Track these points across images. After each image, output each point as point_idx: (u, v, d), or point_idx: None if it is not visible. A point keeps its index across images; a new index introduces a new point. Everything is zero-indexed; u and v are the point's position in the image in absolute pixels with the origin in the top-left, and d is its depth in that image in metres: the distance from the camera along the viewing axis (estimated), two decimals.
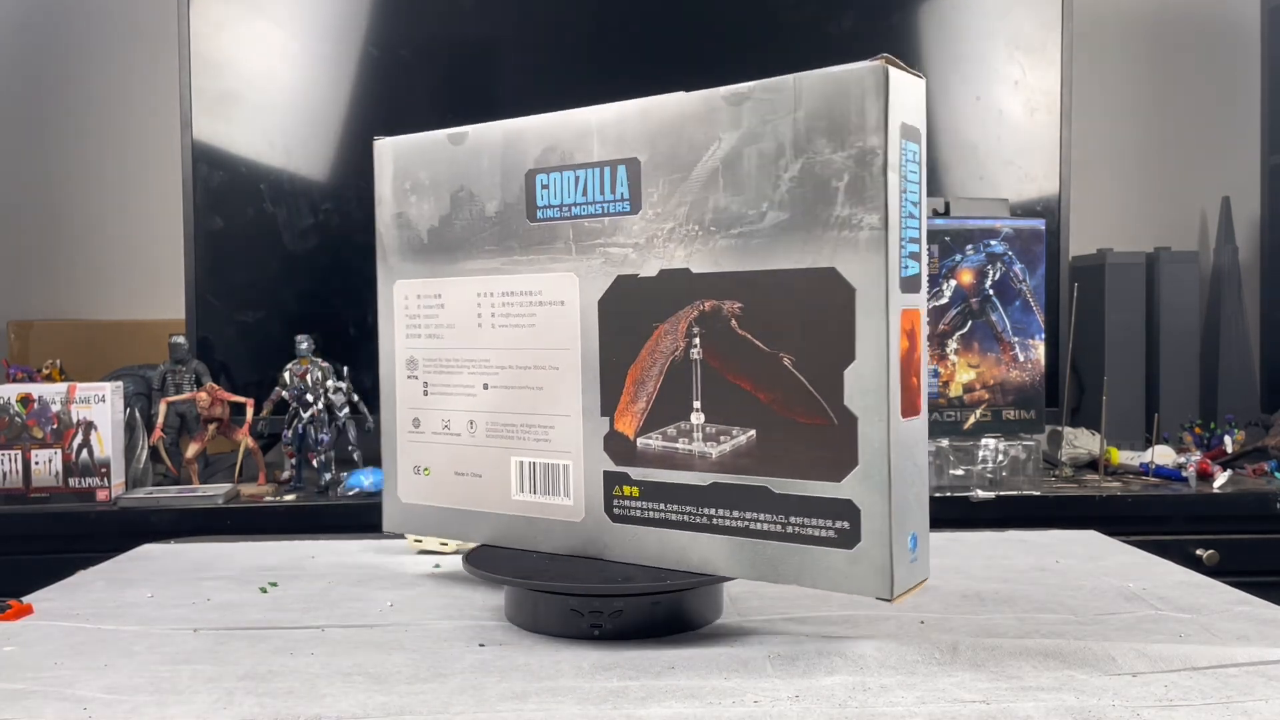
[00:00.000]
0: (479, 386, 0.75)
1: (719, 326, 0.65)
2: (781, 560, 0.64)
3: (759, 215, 0.63)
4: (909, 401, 0.62)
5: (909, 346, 0.62)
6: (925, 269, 0.64)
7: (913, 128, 0.63)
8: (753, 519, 0.65)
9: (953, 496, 1.42)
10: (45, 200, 2.04)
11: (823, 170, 0.61)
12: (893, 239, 0.60)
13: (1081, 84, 1.90)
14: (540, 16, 1.72)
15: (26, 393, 1.39)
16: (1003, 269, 1.49)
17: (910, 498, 0.62)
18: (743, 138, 0.64)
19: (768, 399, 0.63)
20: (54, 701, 0.58)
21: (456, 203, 0.75)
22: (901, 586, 0.61)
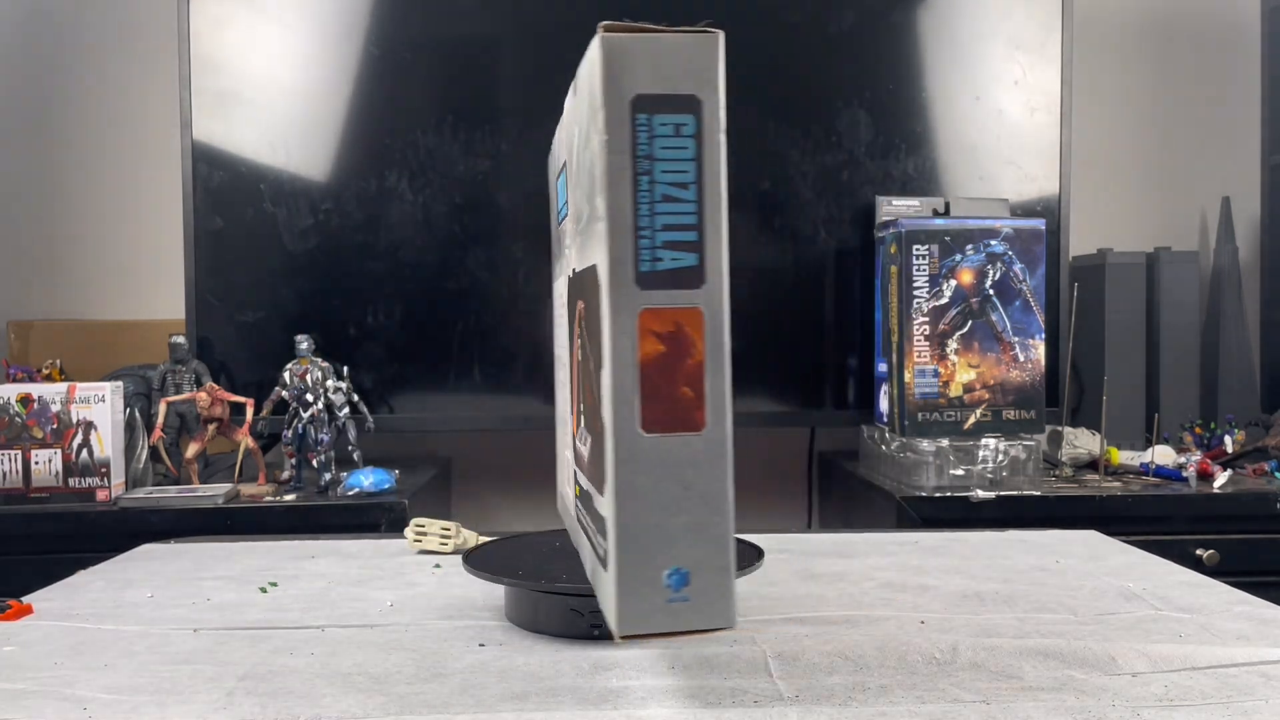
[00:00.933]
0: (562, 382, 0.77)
1: (582, 329, 0.63)
2: (595, 574, 0.59)
3: (585, 212, 0.59)
4: (660, 413, 0.54)
5: (663, 350, 0.54)
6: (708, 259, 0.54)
7: (660, 96, 0.54)
8: (591, 531, 0.61)
9: (953, 496, 1.42)
10: (45, 200, 2.04)
11: (590, 158, 0.56)
12: (622, 228, 0.53)
13: (1081, 84, 1.90)
14: (540, 16, 1.72)
15: (26, 393, 1.39)
16: (1003, 269, 1.49)
17: (673, 525, 0.53)
18: (579, 130, 0.60)
19: (590, 404, 0.61)
20: (54, 701, 0.58)
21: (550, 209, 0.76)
22: (638, 626, 0.53)
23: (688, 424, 0.54)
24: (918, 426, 1.48)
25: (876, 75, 1.75)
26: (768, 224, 1.73)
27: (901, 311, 1.49)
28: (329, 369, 1.52)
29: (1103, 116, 2.08)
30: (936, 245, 1.47)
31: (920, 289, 1.48)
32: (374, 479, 1.46)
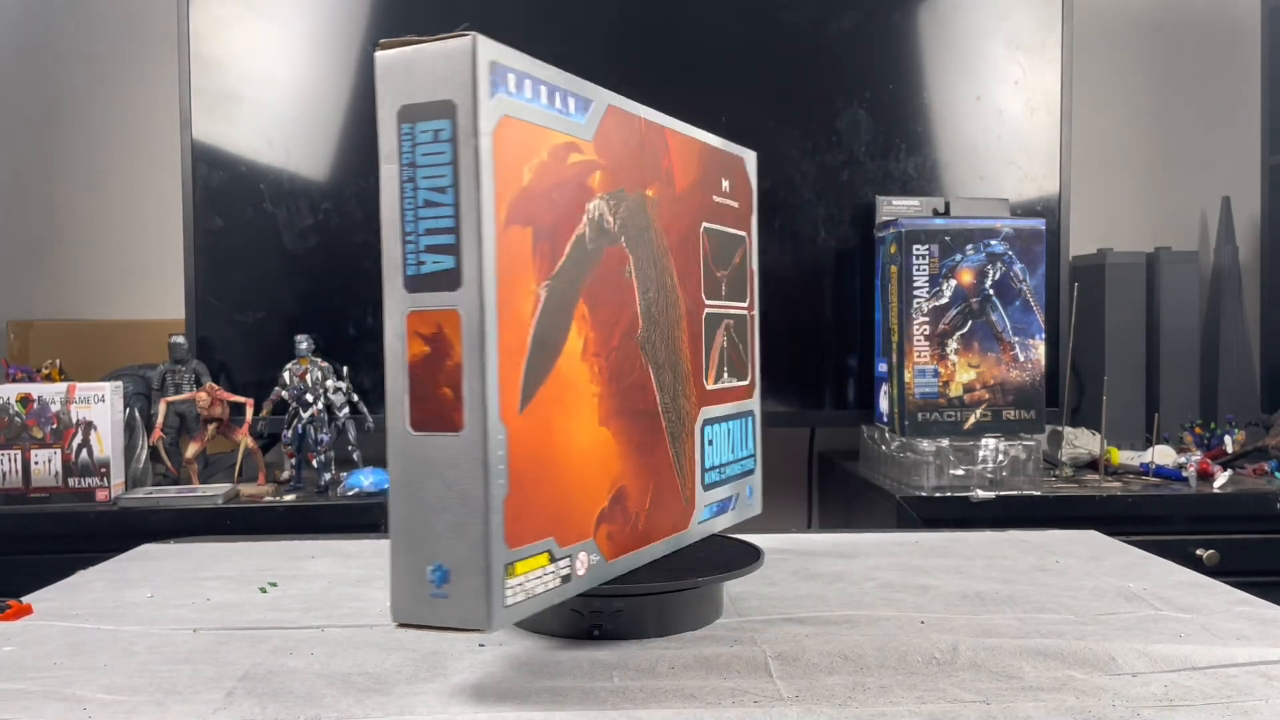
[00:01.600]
0: None
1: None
2: None
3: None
4: (425, 413, 0.55)
5: (428, 352, 0.55)
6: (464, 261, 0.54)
7: (434, 105, 0.55)
8: None
9: (953, 496, 1.41)
10: (45, 200, 2.04)
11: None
12: (391, 234, 0.56)
13: (1081, 84, 1.90)
14: (540, 16, 1.72)
15: (26, 393, 1.39)
16: (1003, 269, 1.49)
17: (435, 523, 0.55)
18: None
19: None
20: (54, 701, 0.58)
21: None
22: (408, 616, 0.55)
23: (447, 424, 0.55)
24: (918, 426, 1.48)
25: (876, 75, 1.75)
26: (768, 224, 1.73)
27: (901, 311, 1.49)
28: (329, 369, 1.52)
29: (1103, 116, 2.08)
30: (936, 245, 1.47)
31: (920, 289, 1.48)
32: (374, 479, 1.46)
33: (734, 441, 0.84)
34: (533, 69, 0.60)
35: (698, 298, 0.78)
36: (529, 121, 0.59)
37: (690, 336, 0.77)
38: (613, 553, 0.66)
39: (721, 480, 0.82)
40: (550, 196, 0.60)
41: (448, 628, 0.54)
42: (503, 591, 0.55)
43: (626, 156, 0.68)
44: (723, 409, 0.82)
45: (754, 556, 0.76)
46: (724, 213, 0.83)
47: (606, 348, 0.65)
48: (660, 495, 0.72)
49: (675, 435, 0.74)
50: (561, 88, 0.62)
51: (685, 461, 0.76)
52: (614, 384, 0.66)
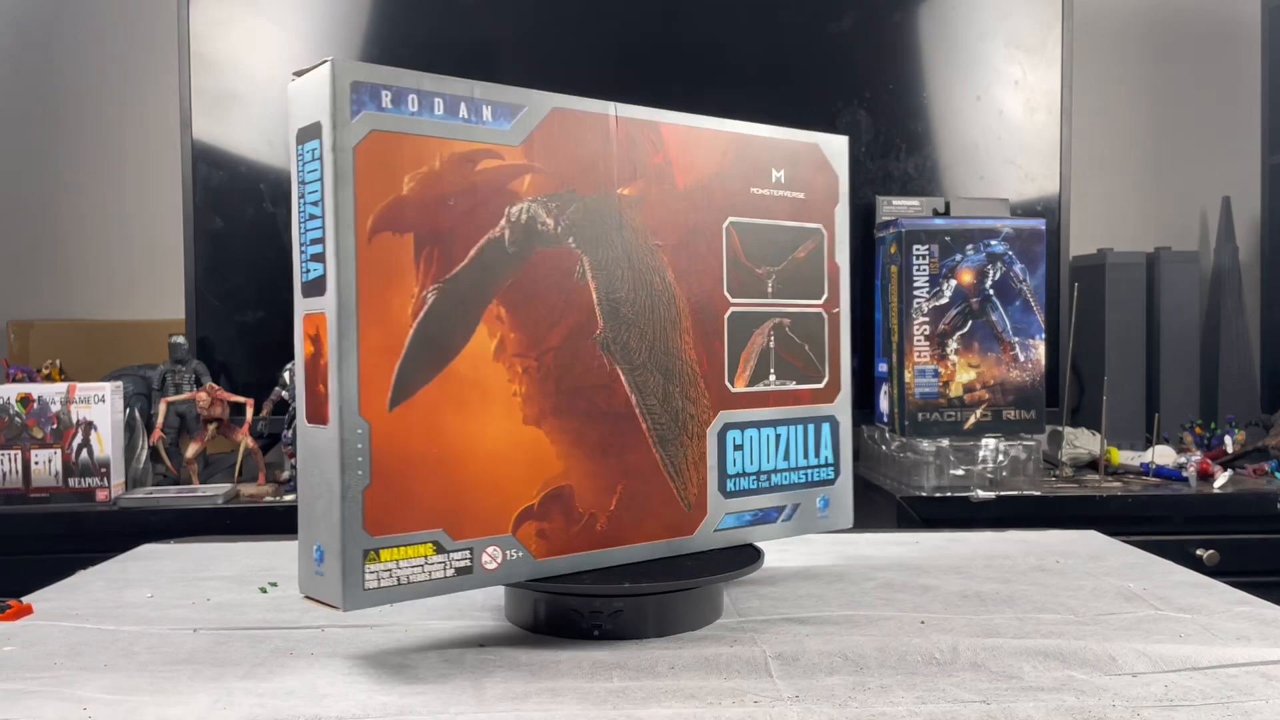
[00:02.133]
0: None
1: None
2: None
3: None
4: (310, 407, 0.62)
5: (313, 351, 0.62)
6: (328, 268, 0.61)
7: (311, 126, 0.62)
8: None
9: (953, 496, 1.41)
10: (45, 200, 2.04)
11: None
12: (294, 245, 0.65)
13: (1081, 84, 1.90)
14: (540, 16, 1.72)
15: (26, 393, 1.39)
16: (1003, 269, 1.49)
17: (315, 508, 0.61)
18: None
19: None
20: (54, 701, 0.58)
21: None
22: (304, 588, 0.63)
23: (320, 418, 0.61)
24: (918, 426, 1.48)
25: (876, 75, 1.75)
26: None
27: (901, 311, 1.49)
28: None
29: (1103, 116, 2.08)
30: (936, 245, 1.47)
31: (920, 289, 1.48)
32: None
33: (788, 447, 0.80)
34: (418, 83, 0.63)
35: (718, 296, 0.76)
36: (410, 134, 0.63)
37: (699, 336, 0.74)
38: (546, 551, 0.67)
39: (757, 488, 0.78)
40: (441, 203, 0.63)
41: (324, 603, 0.61)
42: (361, 576, 0.60)
43: (579, 158, 0.69)
44: (763, 413, 0.78)
45: (754, 556, 0.76)
46: (772, 205, 0.78)
47: (539, 348, 0.67)
48: (638, 497, 0.71)
49: (665, 438, 0.73)
50: (465, 97, 0.65)
51: (684, 465, 0.74)
52: (552, 384, 0.67)
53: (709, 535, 0.75)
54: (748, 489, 0.77)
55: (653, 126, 0.72)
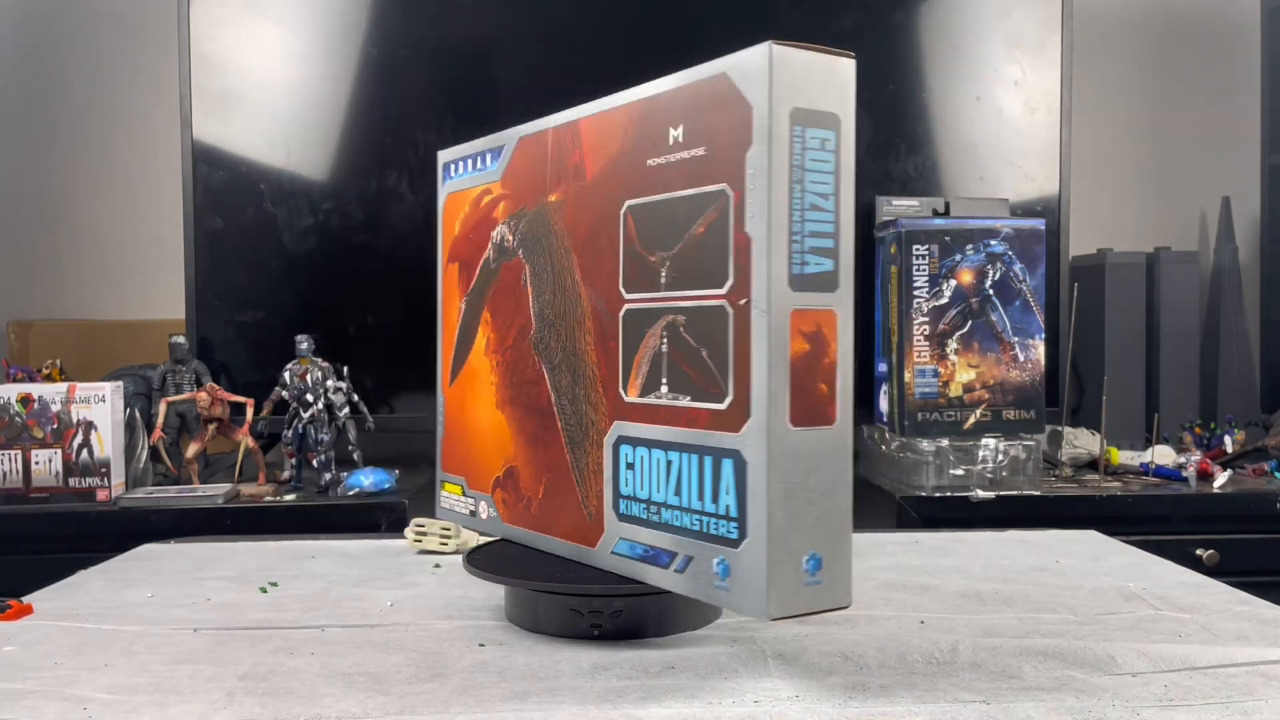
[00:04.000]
0: None
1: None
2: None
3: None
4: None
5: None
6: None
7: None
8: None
9: (953, 496, 1.41)
10: (45, 200, 2.04)
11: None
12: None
13: (1081, 84, 1.90)
14: (540, 16, 1.72)
15: (26, 393, 1.39)
16: (1003, 269, 1.49)
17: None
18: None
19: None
20: (54, 701, 0.58)
21: None
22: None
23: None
24: (918, 426, 1.48)
25: (876, 75, 1.75)
26: None
27: (901, 311, 1.49)
28: (329, 369, 1.52)
29: (1103, 116, 2.08)
30: (936, 245, 1.47)
31: (920, 289, 1.48)
32: (374, 479, 1.46)
33: (679, 480, 0.62)
34: (466, 152, 0.83)
35: (614, 292, 0.66)
36: (458, 190, 0.83)
37: (599, 337, 0.68)
38: (508, 517, 0.78)
39: (648, 520, 0.64)
40: (469, 236, 0.82)
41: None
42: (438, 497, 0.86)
43: (529, 176, 0.75)
44: (654, 430, 0.63)
45: None
46: (669, 174, 0.62)
47: (503, 346, 0.79)
48: (555, 492, 0.72)
49: (574, 440, 0.70)
50: (478, 152, 0.81)
51: (586, 472, 0.69)
52: (509, 376, 0.78)
53: (606, 555, 0.68)
54: (638, 516, 0.65)
55: (573, 125, 0.70)
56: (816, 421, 0.57)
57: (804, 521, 0.56)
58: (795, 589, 0.56)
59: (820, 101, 0.57)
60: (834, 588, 0.57)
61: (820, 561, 0.57)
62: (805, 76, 0.56)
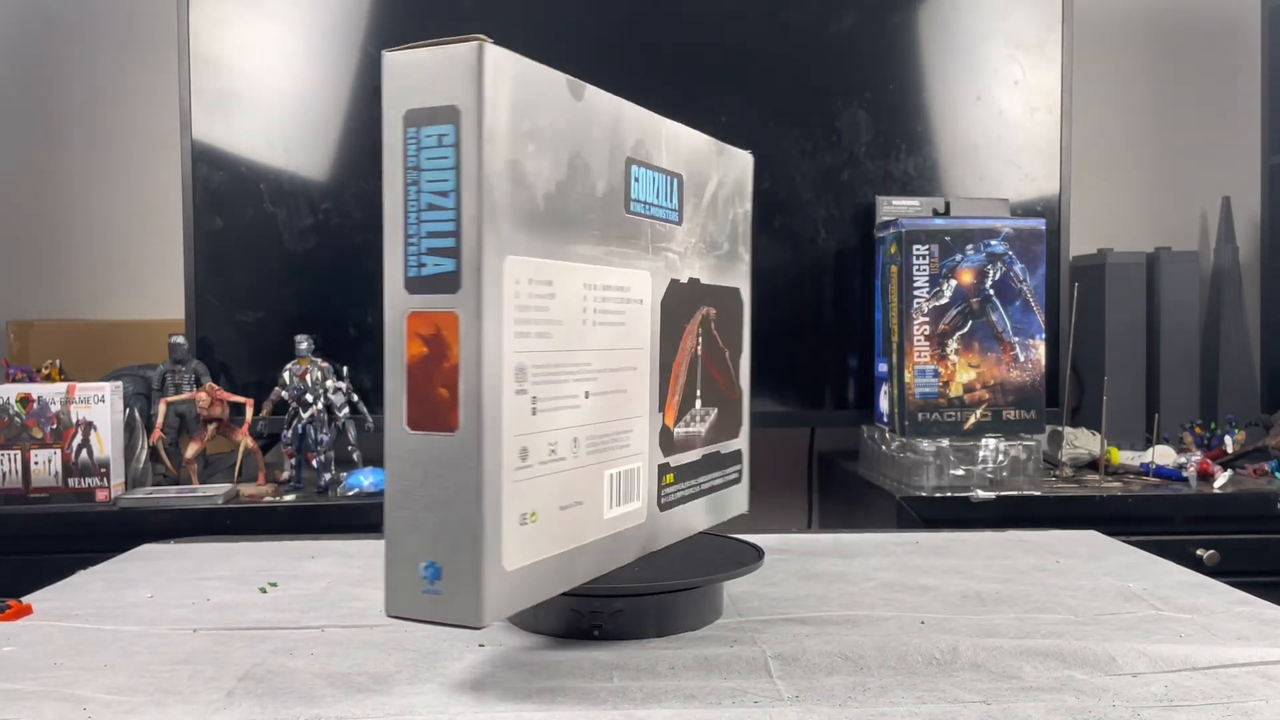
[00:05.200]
0: (581, 395, 0.62)
1: (708, 328, 0.77)
2: (723, 502, 0.81)
3: (722, 243, 0.79)
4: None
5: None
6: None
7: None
8: (714, 476, 0.80)
9: (953, 496, 1.42)
10: (45, 200, 2.04)
11: (739, 218, 0.82)
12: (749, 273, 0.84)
13: (1081, 84, 1.90)
14: (540, 16, 1.72)
15: (26, 393, 1.39)
16: (1003, 269, 1.49)
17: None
18: (718, 182, 0.78)
19: (722, 384, 0.80)
20: (54, 701, 0.58)
21: (572, 170, 0.61)
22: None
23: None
24: (918, 426, 1.48)
25: (876, 75, 1.75)
26: (767, 224, 1.73)
27: (901, 311, 1.49)
28: (329, 369, 1.52)
29: (1103, 116, 2.08)
30: (936, 245, 1.47)
31: (920, 289, 1.48)
32: (374, 479, 1.46)
33: None
34: None
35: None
36: None
37: None
38: None
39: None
40: None
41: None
42: None
43: None
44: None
45: (754, 556, 0.76)
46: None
47: None
48: None
49: None
50: None
51: None
52: None
53: None
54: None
55: None
56: (435, 427, 0.54)
57: (421, 527, 0.54)
58: (412, 593, 0.55)
59: (434, 97, 0.54)
60: (455, 602, 0.54)
61: (439, 572, 0.54)
62: (419, 75, 0.55)
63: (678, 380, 0.73)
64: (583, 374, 0.62)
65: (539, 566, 0.58)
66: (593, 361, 0.62)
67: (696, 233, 0.75)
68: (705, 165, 0.76)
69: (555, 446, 0.59)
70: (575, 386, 0.61)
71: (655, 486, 0.71)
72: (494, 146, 0.54)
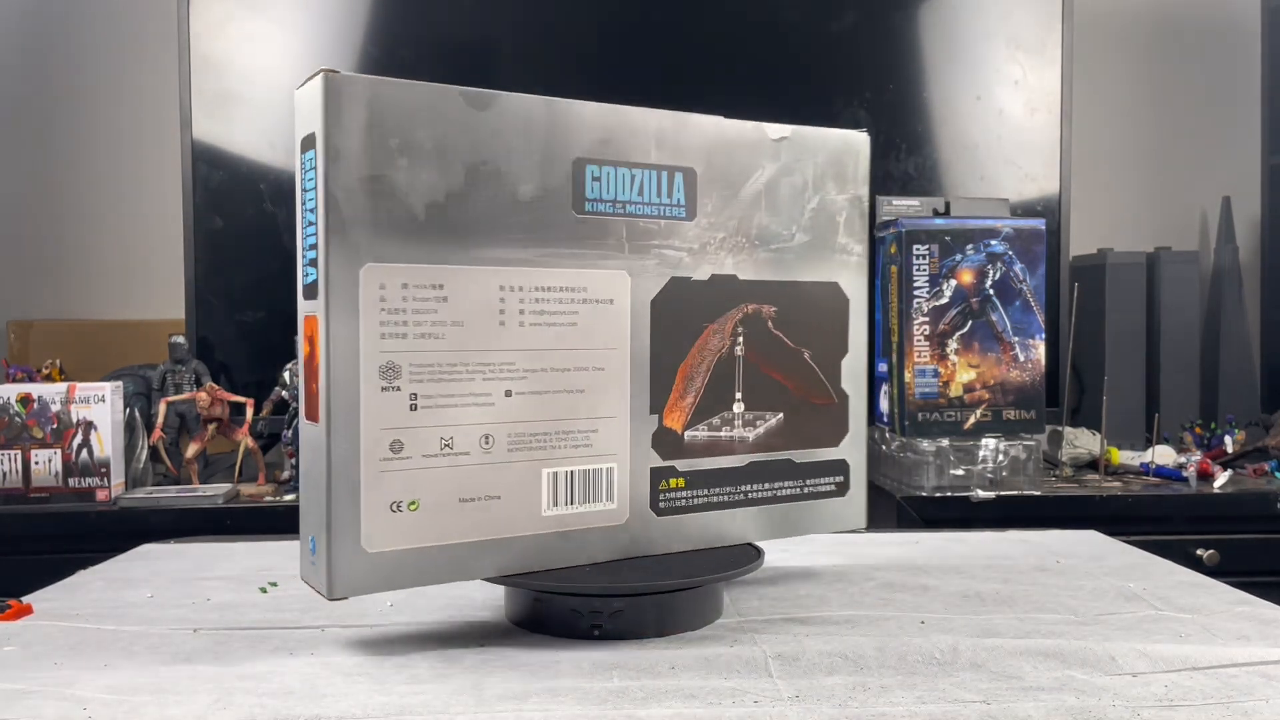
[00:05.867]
0: (499, 394, 0.65)
1: (758, 327, 0.75)
2: (800, 517, 0.78)
3: (790, 235, 0.75)
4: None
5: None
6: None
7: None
8: (779, 487, 0.77)
9: (953, 496, 1.41)
10: (45, 200, 2.04)
11: (831, 207, 0.77)
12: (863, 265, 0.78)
13: (1081, 84, 1.90)
14: (540, 16, 1.72)
15: (26, 393, 1.39)
16: (1003, 269, 1.49)
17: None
18: (780, 170, 0.75)
19: (793, 387, 0.76)
20: (54, 701, 0.58)
21: (475, 178, 0.64)
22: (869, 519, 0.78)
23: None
24: (918, 426, 1.48)
25: (876, 75, 1.75)
26: None
27: (901, 311, 1.49)
28: None
29: (1103, 116, 2.08)
30: (936, 245, 1.47)
31: (920, 289, 1.48)
32: None
33: None
34: None
35: None
36: None
37: None
38: None
39: None
40: None
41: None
42: None
43: None
44: None
45: (754, 556, 0.76)
46: None
47: None
48: None
49: None
50: None
51: None
52: None
53: None
54: None
55: None
56: (310, 418, 0.63)
57: (307, 507, 0.64)
58: (306, 562, 0.65)
59: (307, 125, 0.62)
60: (320, 571, 0.62)
61: (314, 545, 0.63)
62: (302, 107, 0.62)
63: (689, 381, 0.72)
64: (499, 373, 0.65)
65: (422, 553, 0.64)
66: (517, 361, 0.66)
67: (728, 226, 0.73)
68: (743, 155, 0.73)
69: (450, 441, 0.64)
70: (485, 385, 0.65)
71: (648, 489, 0.71)
72: (344, 165, 0.61)
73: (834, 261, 0.77)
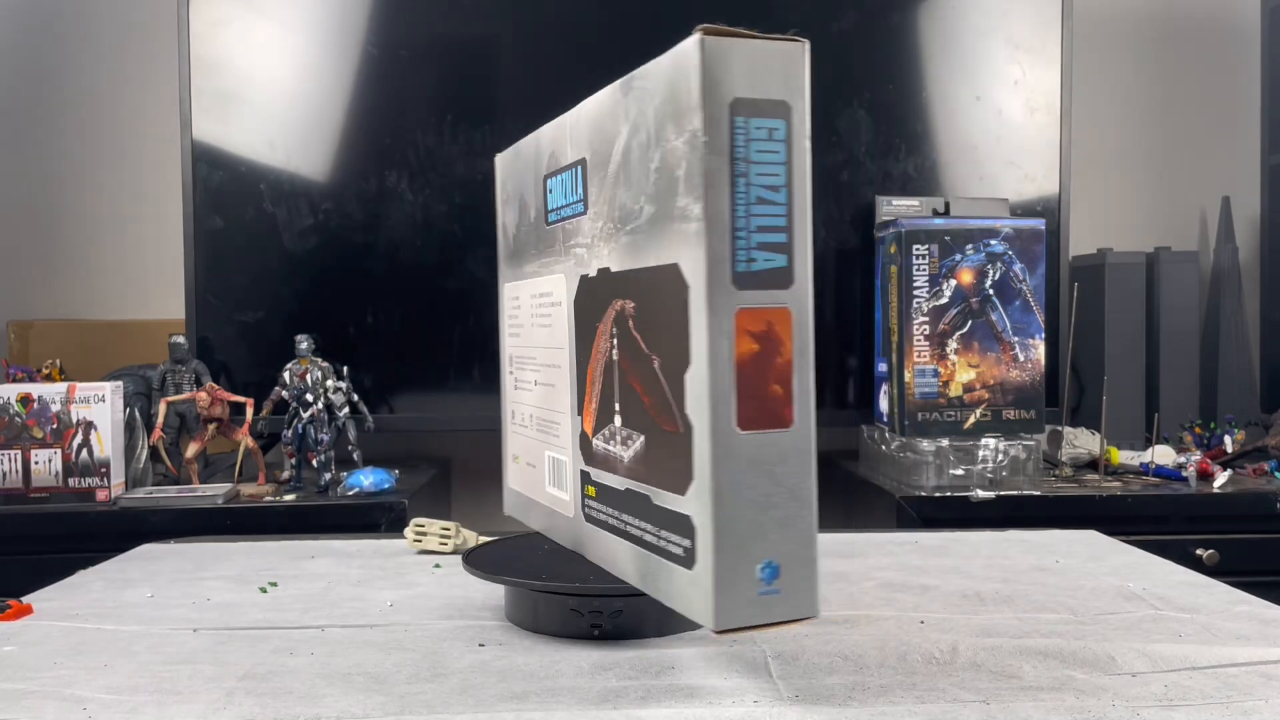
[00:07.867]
0: (533, 383, 0.76)
1: (624, 327, 0.61)
2: (656, 574, 0.58)
3: (639, 210, 0.58)
4: (753, 411, 0.53)
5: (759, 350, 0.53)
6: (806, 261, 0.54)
7: (756, 101, 0.53)
8: (642, 528, 0.60)
9: (953, 496, 1.42)
10: (45, 200, 2.04)
11: (671, 158, 0.54)
12: (720, 229, 0.52)
13: (1081, 84, 1.90)
14: (540, 16, 1.72)
15: (26, 393, 1.39)
16: (1003, 269, 1.49)
17: (763, 520, 0.53)
18: (630, 129, 0.59)
19: (648, 404, 0.58)
20: (54, 701, 0.58)
21: (521, 210, 0.77)
22: (735, 620, 0.52)
23: (780, 420, 0.53)
24: (918, 426, 1.48)
25: (876, 75, 1.75)
26: None
27: (901, 311, 1.49)
28: (329, 369, 1.52)
29: (1103, 116, 2.08)
30: (936, 245, 1.47)
31: (920, 289, 1.48)
32: (374, 479, 1.46)
33: None
34: None
35: None
36: None
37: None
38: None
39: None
40: None
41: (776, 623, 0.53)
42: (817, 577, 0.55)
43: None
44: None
45: None
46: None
47: None
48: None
49: None
50: None
51: None
52: None
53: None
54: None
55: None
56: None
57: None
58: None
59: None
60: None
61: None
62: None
63: (593, 385, 0.66)
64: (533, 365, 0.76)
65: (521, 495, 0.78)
66: (537, 356, 0.76)
67: (604, 213, 0.62)
68: (610, 123, 0.61)
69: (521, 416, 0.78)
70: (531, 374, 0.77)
71: (579, 490, 0.68)
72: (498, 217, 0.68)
73: (672, 233, 0.54)
